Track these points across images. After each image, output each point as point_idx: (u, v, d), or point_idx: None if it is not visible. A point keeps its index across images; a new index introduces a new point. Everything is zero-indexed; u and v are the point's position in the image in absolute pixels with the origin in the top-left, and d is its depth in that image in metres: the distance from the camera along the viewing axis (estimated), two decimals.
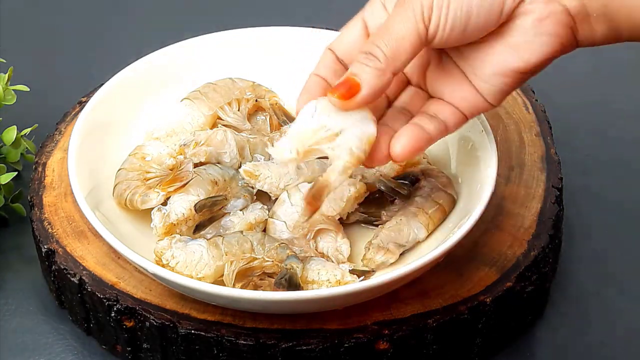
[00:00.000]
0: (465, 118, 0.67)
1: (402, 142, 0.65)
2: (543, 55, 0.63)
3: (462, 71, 0.66)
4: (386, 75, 0.63)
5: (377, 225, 0.78)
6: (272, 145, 0.66)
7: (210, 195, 0.77)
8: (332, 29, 0.92)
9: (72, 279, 0.75)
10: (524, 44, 0.63)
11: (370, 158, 0.66)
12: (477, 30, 0.63)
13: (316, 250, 0.77)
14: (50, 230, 0.79)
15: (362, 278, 0.74)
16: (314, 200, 0.66)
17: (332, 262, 0.76)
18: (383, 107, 0.70)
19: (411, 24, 0.62)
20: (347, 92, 0.63)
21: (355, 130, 0.64)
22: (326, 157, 0.66)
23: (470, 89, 0.66)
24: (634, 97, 1.01)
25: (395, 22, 0.63)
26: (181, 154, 0.81)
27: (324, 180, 0.65)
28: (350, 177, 0.78)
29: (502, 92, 0.66)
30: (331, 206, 0.77)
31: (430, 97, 0.69)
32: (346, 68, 0.67)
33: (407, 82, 0.70)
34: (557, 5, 0.62)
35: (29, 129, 0.89)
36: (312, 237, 0.77)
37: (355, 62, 0.63)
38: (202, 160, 0.81)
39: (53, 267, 0.77)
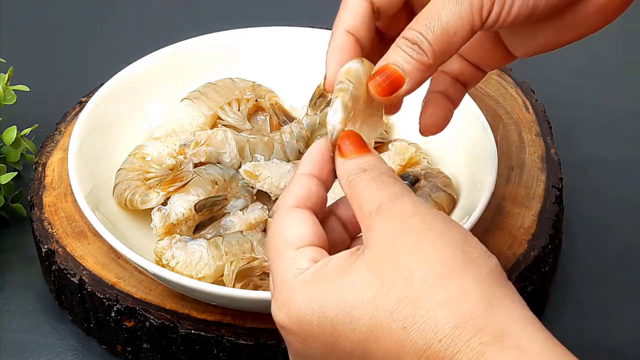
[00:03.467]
0: (484, 74, 0.63)
1: (433, 119, 0.60)
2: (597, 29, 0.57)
3: (501, 40, 0.60)
4: (431, 71, 0.55)
5: None
6: None
7: (210, 195, 0.77)
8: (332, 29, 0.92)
9: (72, 279, 0.75)
10: (583, 22, 0.57)
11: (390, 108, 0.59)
12: (545, 12, 0.55)
13: None
14: (50, 230, 0.79)
15: None
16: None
17: None
18: None
19: (466, 18, 0.54)
20: (388, 87, 0.54)
21: None
22: None
23: (503, 54, 0.61)
24: (633, 97, 1.00)
25: (447, 11, 0.54)
26: (181, 154, 0.80)
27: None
28: None
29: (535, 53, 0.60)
30: None
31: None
32: (377, 21, 0.57)
33: None
34: None
35: (29, 129, 0.89)
36: None
37: (395, 48, 0.55)
38: (202, 160, 0.80)
39: (53, 267, 0.77)
